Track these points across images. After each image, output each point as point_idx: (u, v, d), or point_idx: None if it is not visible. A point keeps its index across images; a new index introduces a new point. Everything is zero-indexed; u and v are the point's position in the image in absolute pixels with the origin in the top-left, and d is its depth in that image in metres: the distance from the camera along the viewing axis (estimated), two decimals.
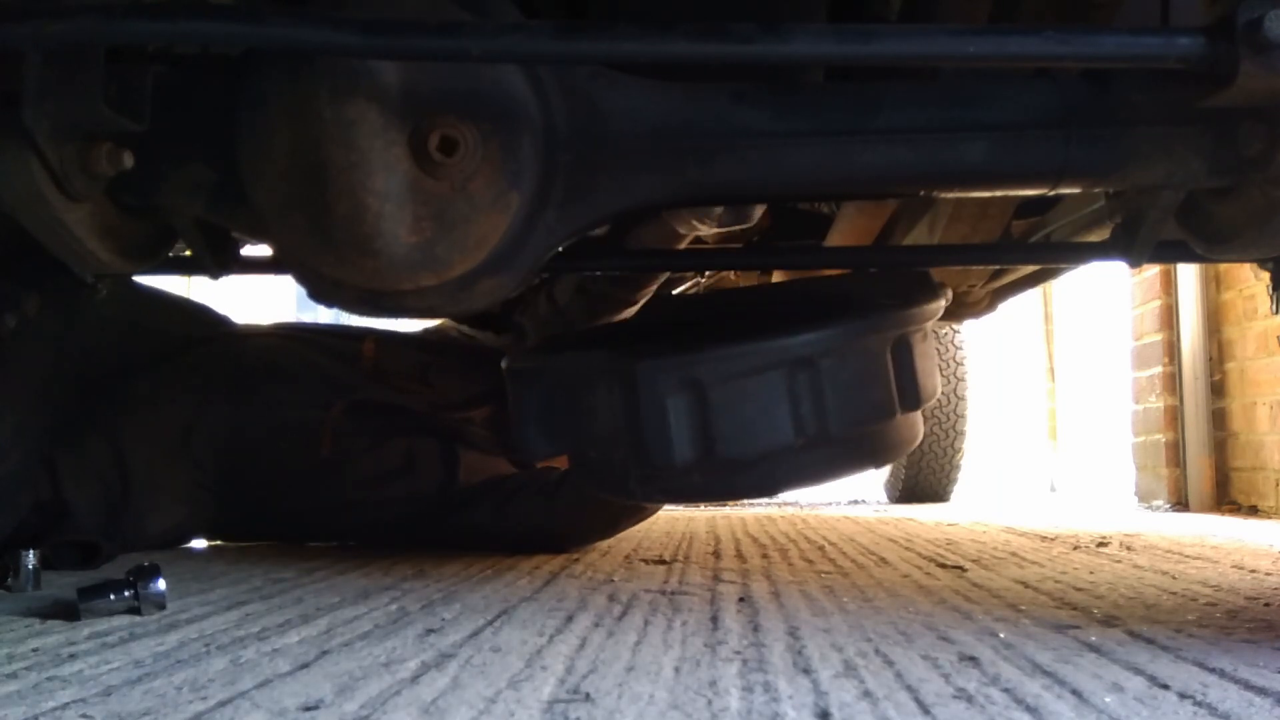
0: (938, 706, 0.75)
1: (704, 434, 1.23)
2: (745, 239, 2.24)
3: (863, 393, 1.29)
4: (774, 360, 1.25)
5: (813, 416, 1.25)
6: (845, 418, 1.27)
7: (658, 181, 1.02)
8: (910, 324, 1.34)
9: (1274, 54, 0.83)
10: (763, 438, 1.25)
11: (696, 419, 1.23)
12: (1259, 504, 3.18)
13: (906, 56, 0.91)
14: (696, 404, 1.23)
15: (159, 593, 1.16)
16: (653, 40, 0.84)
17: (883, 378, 1.30)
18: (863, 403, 1.29)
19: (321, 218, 0.97)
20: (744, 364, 1.24)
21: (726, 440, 1.24)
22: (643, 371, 1.24)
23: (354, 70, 0.93)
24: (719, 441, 1.23)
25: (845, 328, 1.28)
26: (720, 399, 1.23)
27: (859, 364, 1.28)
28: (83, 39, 0.84)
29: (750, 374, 1.24)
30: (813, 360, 1.25)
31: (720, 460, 1.24)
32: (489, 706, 0.75)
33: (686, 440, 1.23)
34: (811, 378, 1.24)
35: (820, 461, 1.31)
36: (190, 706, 0.75)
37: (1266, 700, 0.77)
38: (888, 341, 1.31)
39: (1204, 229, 1.06)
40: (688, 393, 1.23)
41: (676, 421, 1.23)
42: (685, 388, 1.23)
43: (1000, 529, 2.48)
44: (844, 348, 1.27)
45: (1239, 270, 3.20)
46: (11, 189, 0.92)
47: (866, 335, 1.30)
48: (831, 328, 1.27)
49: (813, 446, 1.27)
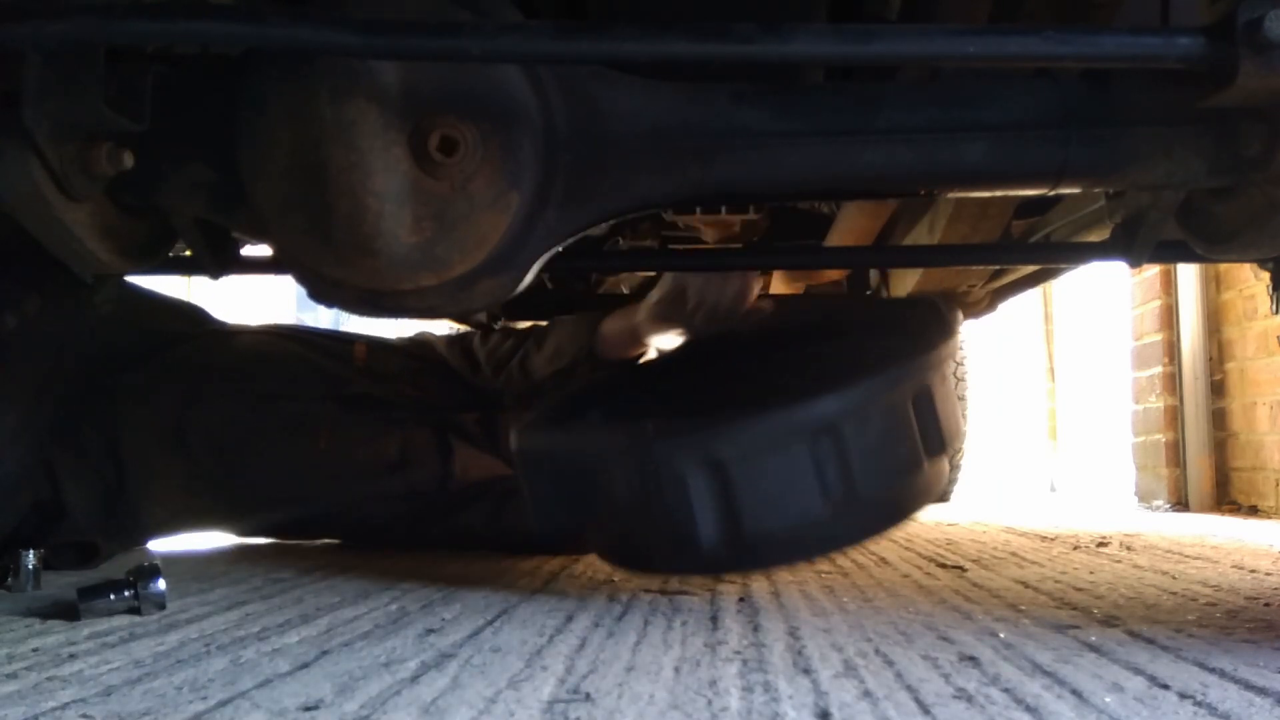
0: (938, 706, 0.75)
1: (728, 510, 1.19)
2: (745, 239, 2.24)
3: (888, 451, 1.25)
4: (796, 429, 1.20)
5: (839, 481, 1.20)
6: (872, 479, 1.22)
7: (658, 181, 1.02)
8: (930, 370, 1.30)
9: (1274, 54, 0.83)
10: (789, 510, 1.20)
11: (719, 496, 1.19)
12: (1259, 504, 3.18)
13: (906, 56, 0.91)
14: (718, 481, 1.19)
15: (159, 593, 1.16)
16: (653, 40, 0.84)
17: (907, 431, 1.26)
18: (889, 461, 1.24)
19: (321, 218, 0.97)
20: (766, 437, 1.20)
21: (752, 515, 1.19)
22: (660, 450, 1.20)
23: (354, 70, 0.93)
24: (744, 517, 1.19)
25: (866, 388, 1.24)
26: (742, 474, 1.19)
27: (882, 423, 1.24)
28: (83, 39, 0.84)
29: (772, 446, 1.20)
30: (835, 425, 1.20)
31: (746, 536, 1.19)
32: (489, 706, 0.75)
33: (710, 518, 1.19)
34: (835, 443, 1.20)
35: (850, 525, 1.25)
36: (190, 706, 0.75)
37: (1266, 700, 0.77)
38: (909, 394, 1.27)
39: (1204, 229, 1.06)
40: (708, 470, 1.19)
41: (699, 500, 1.19)
42: (706, 465, 1.19)
43: (1000, 529, 2.48)
44: (866, 409, 1.23)
45: (1239, 270, 3.20)
46: (11, 189, 0.92)
47: (887, 393, 1.25)
48: (852, 390, 1.22)
49: (841, 512, 1.22)
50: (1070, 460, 5.42)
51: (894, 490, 1.27)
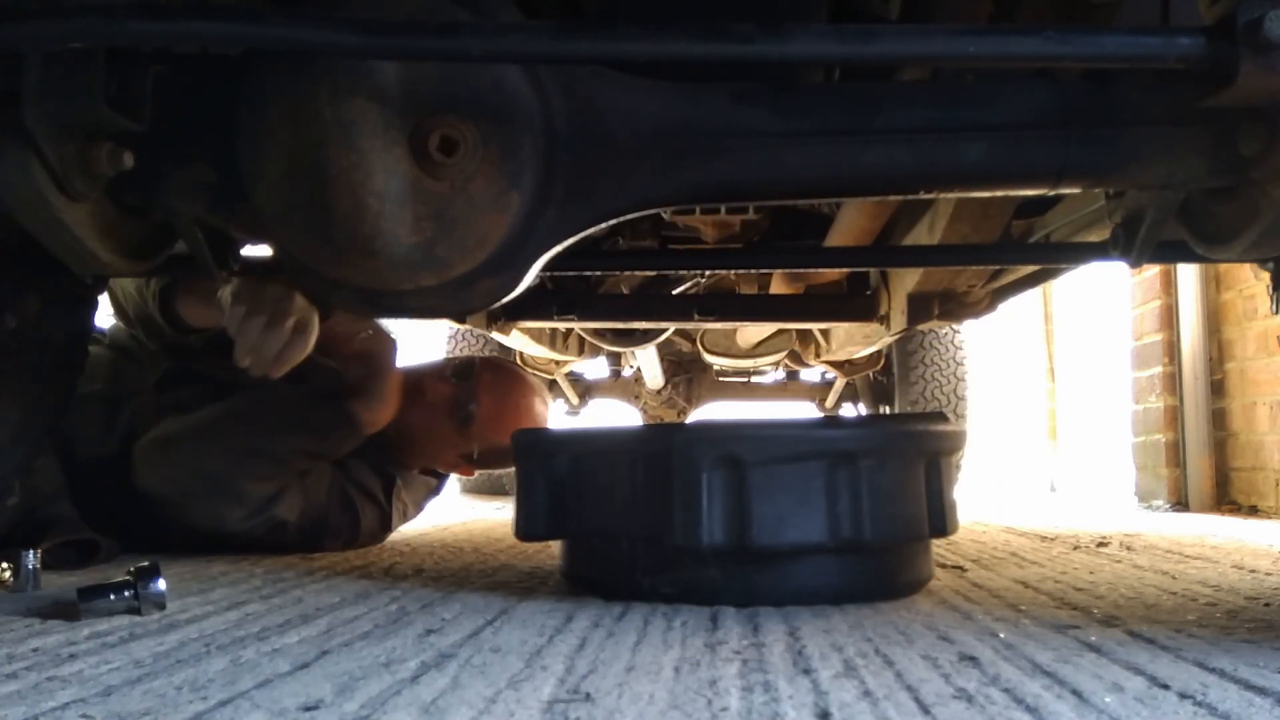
0: (938, 706, 0.75)
1: (739, 514, 1.18)
2: (745, 239, 2.24)
3: (899, 501, 1.25)
4: (816, 449, 1.21)
5: (849, 515, 1.21)
6: (880, 524, 1.22)
7: (658, 181, 1.02)
8: (945, 444, 1.32)
9: (1274, 54, 0.83)
10: (796, 527, 1.20)
11: (732, 497, 1.19)
12: (1259, 504, 3.18)
13: (906, 56, 0.91)
14: (734, 481, 1.19)
15: (159, 593, 1.16)
16: (653, 40, 0.84)
17: (917, 492, 1.28)
18: (898, 512, 1.25)
19: (322, 218, 0.97)
20: (785, 447, 1.21)
21: (760, 524, 1.18)
22: (680, 443, 1.20)
23: (354, 70, 0.93)
24: (753, 524, 1.18)
25: (887, 429, 1.27)
26: (759, 480, 1.19)
27: (897, 470, 1.25)
28: (83, 39, 0.84)
29: (791, 459, 1.21)
30: (854, 457, 1.21)
31: (751, 548, 1.19)
32: (489, 706, 0.75)
33: (719, 519, 1.19)
34: (851, 475, 1.21)
35: (846, 570, 1.25)
36: (190, 706, 0.75)
37: (1266, 700, 0.77)
38: (924, 456, 1.29)
39: (1204, 229, 1.06)
40: (726, 469, 1.19)
41: (710, 497, 1.18)
42: (724, 463, 1.19)
43: (1000, 529, 2.48)
44: (885, 450, 1.25)
45: (1239, 270, 3.20)
46: (11, 189, 0.92)
47: (906, 441, 1.28)
48: (873, 428, 1.25)
49: (844, 551, 1.23)
50: (1070, 460, 5.42)
51: (897, 548, 1.27)
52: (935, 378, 3.74)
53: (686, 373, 4.63)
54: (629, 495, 1.27)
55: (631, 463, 1.27)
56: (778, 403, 4.70)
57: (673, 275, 2.87)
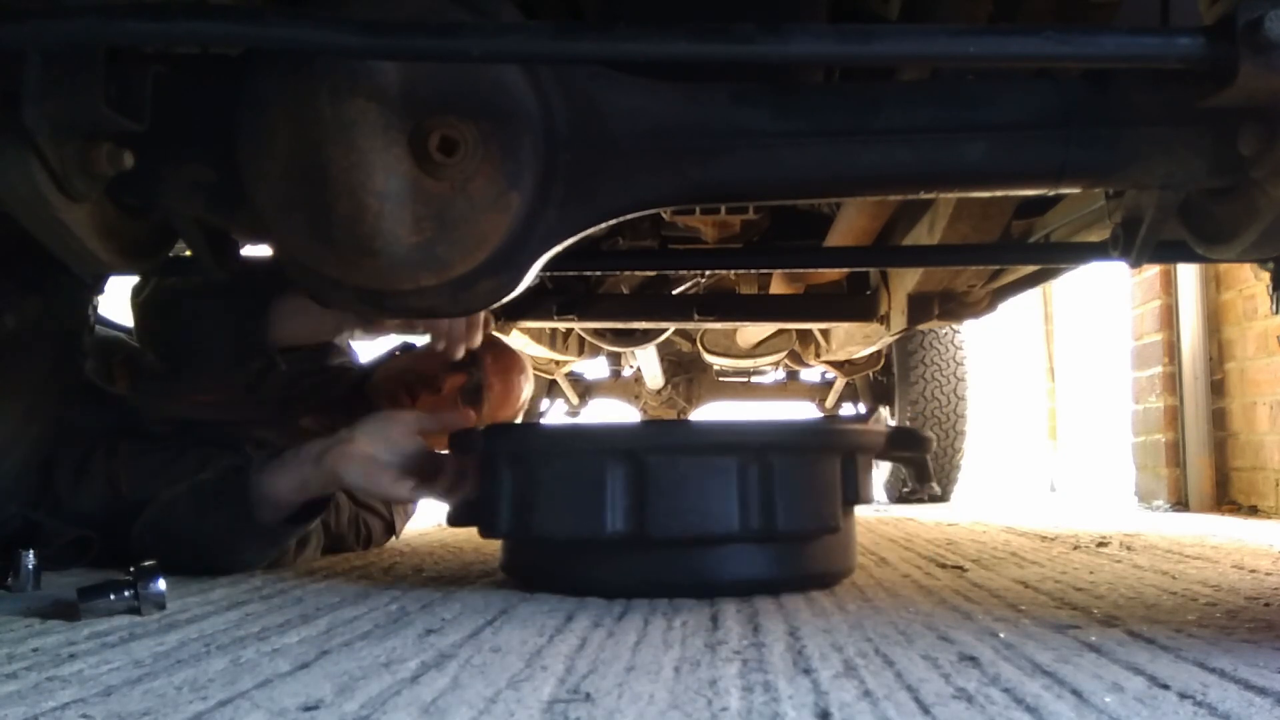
0: (938, 706, 0.75)
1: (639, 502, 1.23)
2: (745, 239, 2.24)
3: (812, 492, 1.30)
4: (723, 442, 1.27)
5: (759, 504, 1.25)
6: (792, 513, 1.26)
7: (658, 181, 1.02)
8: (861, 442, 1.37)
9: (1274, 54, 0.83)
10: (703, 515, 1.24)
11: (633, 487, 1.24)
12: (1259, 504, 3.18)
13: (906, 56, 0.91)
14: (635, 473, 1.24)
15: (159, 593, 1.16)
16: (653, 40, 0.84)
17: (831, 484, 1.32)
18: (810, 501, 1.29)
19: (322, 218, 0.97)
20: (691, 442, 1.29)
21: (660, 510, 1.24)
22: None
23: (354, 70, 0.93)
24: (650, 509, 1.23)
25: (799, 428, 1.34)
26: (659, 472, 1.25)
27: (811, 461, 1.31)
28: (83, 39, 0.84)
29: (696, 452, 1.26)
30: (765, 448, 1.26)
31: (654, 534, 1.23)
32: (489, 706, 0.75)
33: (620, 507, 1.24)
34: (762, 465, 1.26)
35: (762, 558, 1.29)
36: (190, 706, 0.75)
37: (1266, 700, 0.77)
38: (839, 451, 1.34)
39: (1204, 229, 1.06)
40: (627, 463, 1.24)
41: (613, 486, 1.24)
42: (625, 459, 1.25)
43: (1000, 529, 2.48)
44: (797, 443, 1.31)
45: (1239, 270, 3.20)
46: (11, 189, 0.92)
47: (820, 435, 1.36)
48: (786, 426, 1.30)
49: (756, 539, 1.27)
50: (1070, 460, 5.42)
51: (811, 537, 1.31)
52: (935, 378, 3.74)
53: (686, 373, 4.64)
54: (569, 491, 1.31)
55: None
56: (778, 402, 4.71)
57: (673, 275, 2.88)
